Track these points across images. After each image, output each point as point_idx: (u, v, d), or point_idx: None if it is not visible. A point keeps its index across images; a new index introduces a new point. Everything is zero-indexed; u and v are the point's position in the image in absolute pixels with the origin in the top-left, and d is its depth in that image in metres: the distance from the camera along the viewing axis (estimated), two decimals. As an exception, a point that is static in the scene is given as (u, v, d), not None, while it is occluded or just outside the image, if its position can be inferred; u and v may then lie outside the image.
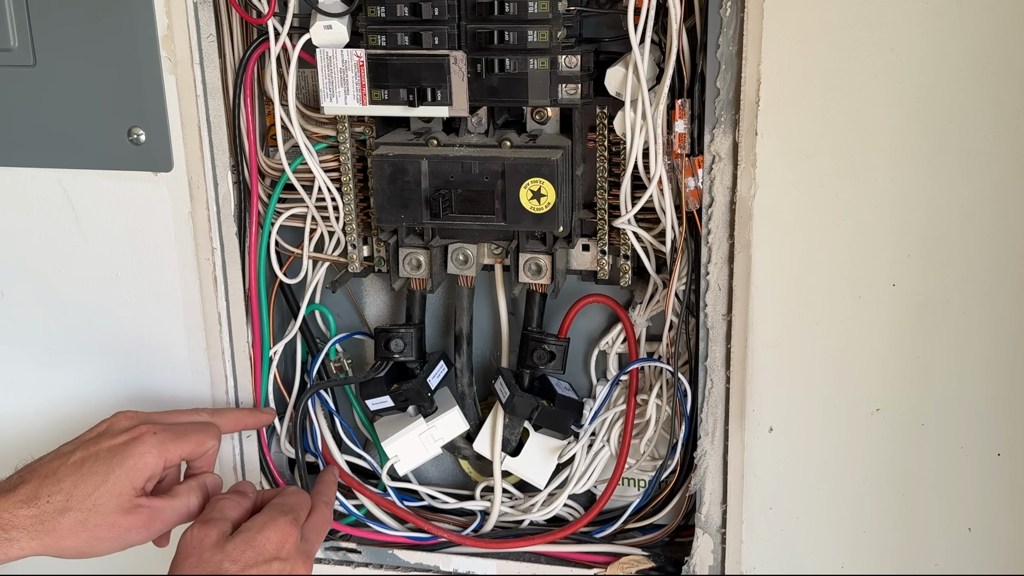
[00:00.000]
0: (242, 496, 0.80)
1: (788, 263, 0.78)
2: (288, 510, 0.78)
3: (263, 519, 0.76)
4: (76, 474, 0.77)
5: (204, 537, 0.74)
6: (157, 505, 0.78)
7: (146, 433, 0.79)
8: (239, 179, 0.89)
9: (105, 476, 0.76)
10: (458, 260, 0.88)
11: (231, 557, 0.73)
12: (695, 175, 0.79)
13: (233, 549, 0.73)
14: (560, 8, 0.77)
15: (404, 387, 0.91)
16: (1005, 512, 0.80)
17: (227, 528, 0.75)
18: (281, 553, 0.74)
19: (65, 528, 0.75)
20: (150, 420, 0.82)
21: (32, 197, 0.90)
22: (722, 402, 0.83)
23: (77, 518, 0.75)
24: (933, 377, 0.78)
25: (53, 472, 0.77)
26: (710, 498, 0.85)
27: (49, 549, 0.75)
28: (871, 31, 0.71)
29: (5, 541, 0.73)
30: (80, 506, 0.75)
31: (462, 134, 0.85)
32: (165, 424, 0.82)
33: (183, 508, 0.80)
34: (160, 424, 0.81)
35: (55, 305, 0.93)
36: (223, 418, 0.88)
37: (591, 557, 0.93)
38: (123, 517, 0.76)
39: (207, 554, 0.73)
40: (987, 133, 0.72)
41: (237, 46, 0.86)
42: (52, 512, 0.75)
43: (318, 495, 0.84)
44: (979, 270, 0.75)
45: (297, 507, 0.79)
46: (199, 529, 0.75)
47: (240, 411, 0.92)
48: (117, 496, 0.76)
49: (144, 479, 0.78)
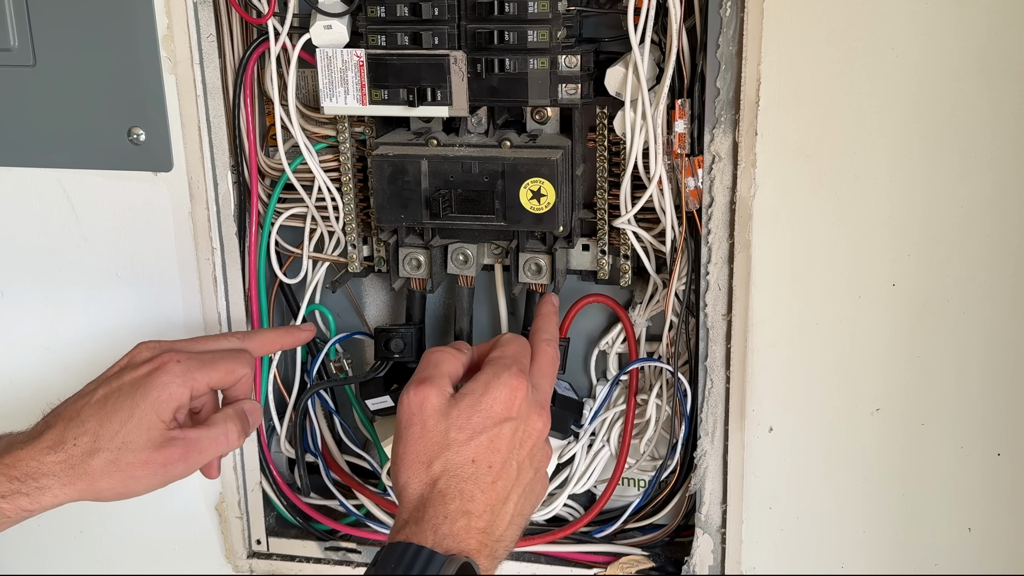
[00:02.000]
0: (457, 350, 0.74)
1: (788, 263, 0.78)
2: (511, 362, 0.70)
3: (486, 377, 0.69)
4: (100, 412, 0.72)
5: (424, 400, 0.68)
6: (192, 436, 0.74)
7: (169, 362, 0.74)
8: (239, 179, 0.89)
9: (131, 411, 0.72)
10: (458, 260, 0.88)
11: (457, 424, 0.67)
12: (695, 175, 0.79)
13: (458, 415, 0.67)
14: (560, 8, 0.77)
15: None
16: (1005, 512, 0.80)
17: (447, 386, 0.69)
18: (512, 412, 0.68)
19: (97, 470, 0.71)
20: (174, 348, 0.77)
21: (32, 197, 0.90)
22: (722, 402, 0.83)
23: (108, 458, 0.71)
24: (933, 377, 0.78)
25: (77, 413, 0.73)
26: (710, 498, 0.85)
27: (84, 494, 0.71)
28: (871, 31, 0.71)
29: (36, 490, 0.70)
30: (108, 445, 0.71)
31: (462, 134, 0.85)
32: (190, 352, 0.77)
33: (221, 438, 0.75)
34: (185, 352, 0.76)
35: (55, 305, 0.93)
36: (255, 341, 0.82)
37: (591, 557, 0.93)
38: (156, 453, 0.72)
39: (431, 422, 0.67)
40: (987, 133, 0.72)
41: (237, 46, 0.86)
42: (80, 455, 0.71)
43: (537, 333, 0.77)
44: (979, 270, 0.75)
45: (519, 355, 0.72)
46: (416, 391, 0.68)
47: (274, 331, 0.88)
48: (147, 431, 0.72)
49: (171, 410, 0.73)
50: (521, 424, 0.69)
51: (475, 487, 0.66)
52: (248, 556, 0.98)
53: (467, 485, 0.66)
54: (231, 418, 0.77)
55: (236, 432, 0.77)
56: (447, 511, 0.64)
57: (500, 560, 0.68)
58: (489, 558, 0.65)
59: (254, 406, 0.80)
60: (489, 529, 0.66)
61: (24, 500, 0.71)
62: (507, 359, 0.71)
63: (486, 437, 0.67)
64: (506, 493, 0.67)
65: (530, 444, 0.69)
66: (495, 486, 0.66)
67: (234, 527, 0.97)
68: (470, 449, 0.67)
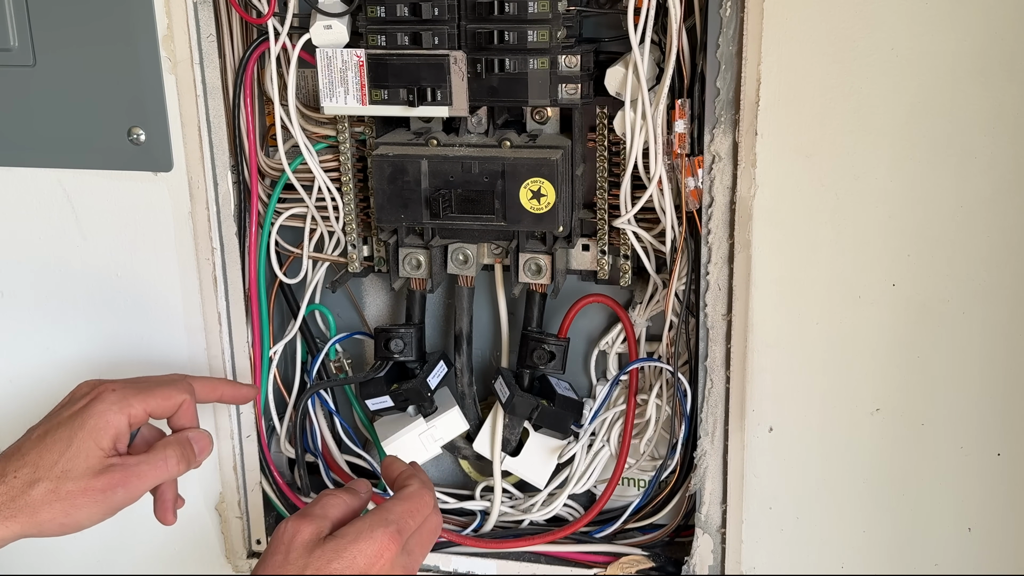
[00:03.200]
0: (352, 495, 0.74)
1: (788, 263, 0.78)
2: (393, 520, 0.70)
3: (361, 526, 0.69)
4: (40, 446, 0.74)
5: (296, 533, 0.68)
6: (131, 462, 0.75)
7: (104, 391, 0.76)
8: (239, 179, 0.89)
9: (68, 441, 0.73)
10: (458, 260, 0.88)
11: (315, 564, 0.66)
12: (695, 175, 0.79)
13: (321, 555, 0.67)
14: (560, 8, 0.77)
15: (404, 387, 0.91)
16: (1005, 512, 0.80)
17: (325, 528, 0.69)
18: (373, 569, 0.67)
19: (37, 500, 0.71)
20: (112, 381, 0.78)
21: (32, 197, 0.90)
22: (722, 402, 0.83)
23: (47, 488, 0.72)
24: (933, 377, 0.78)
25: (17, 450, 0.74)
26: (710, 498, 0.85)
27: (27, 528, 0.71)
28: (871, 31, 0.71)
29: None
30: (48, 475, 0.72)
31: (462, 134, 0.85)
32: (127, 381, 0.78)
33: (160, 463, 0.76)
34: (121, 382, 0.78)
35: (55, 305, 0.93)
36: (199, 381, 0.83)
37: (591, 557, 0.93)
38: (95, 479, 0.73)
39: (293, 554, 0.67)
40: (987, 133, 0.72)
41: (237, 46, 0.86)
42: (20, 487, 0.71)
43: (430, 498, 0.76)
44: (979, 270, 0.75)
45: (405, 516, 0.71)
46: (293, 523, 0.69)
47: (219, 379, 0.88)
48: (85, 459, 0.73)
49: (109, 438, 0.74)
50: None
51: None
52: (248, 556, 0.98)
53: None
54: (171, 444, 0.78)
55: (175, 459, 0.77)
56: None
57: None
58: None
59: (200, 434, 0.80)
60: None
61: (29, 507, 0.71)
62: (392, 515, 0.70)
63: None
64: None
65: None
66: None
67: (234, 527, 0.97)
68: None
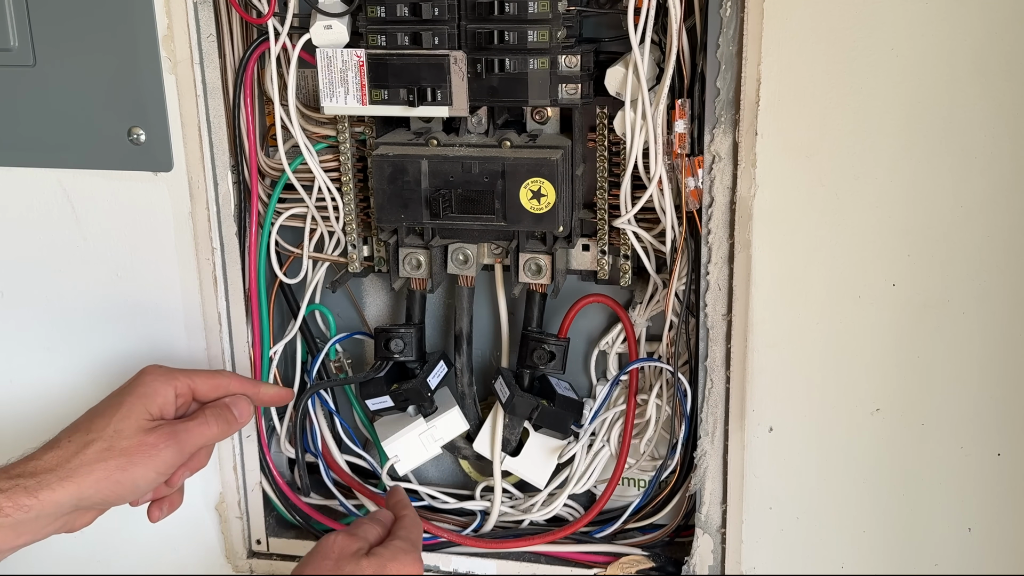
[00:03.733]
0: (383, 526, 0.82)
1: (788, 263, 0.78)
2: (415, 544, 0.80)
3: (397, 548, 0.78)
4: (91, 415, 0.78)
5: (346, 546, 0.77)
6: (177, 423, 0.79)
7: (152, 367, 0.82)
8: (239, 179, 0.89)
9: (118, 406, 0.78)
10: (458, 260, 0.88)
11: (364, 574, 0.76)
12: (695, 175, 0.79)
13: (368, 566, 0.76)
14: (560, 8, 0.77)
15: (404, 387, 0.91)
16: (1005, 512, 0.80)
17: (365, 548, 0.78)
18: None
19: (92, 458, 0.75)
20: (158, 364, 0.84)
21: (32, 197, 0.90)
22: (722, 402, 0.83)
23: (102, 446, 0.76)
24: (933, 377, 0.78)
25: (71, 424, 0.79)
26: (710, 498, 0.85)
27: (83, 488, 0.74)
28: (871, 31, 0.71)
29: (35, 484, 0.73)
30: (101, 435, 0.76)
31: (462, 134, 0.85)
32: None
33: (203, 425, 0.80)
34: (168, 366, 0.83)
35: (55, 305, 0.93)
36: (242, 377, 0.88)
37: (591, 557, 0.93)
38: (147, 436, 0.77)
39: (344, 562, 0.75)
40: (987, 133, 0.72)
41: (237, 46, 0.86)
42: (75, 447, 0.75)
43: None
44: (979, 270, 0.75)
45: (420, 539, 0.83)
46: (343, 538, 0.77)
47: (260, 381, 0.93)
48: (135, 420, 0.78)
49: (157, 405, 0.79)
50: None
51: None
52: (248, 556, 0.98)
53: None
54: (209, 408, 0.82)
55: (214, 420, 0.81)
56: None
57: None
58: None
59: (237, 399, 0.84)
60: None
61: (23, 495, 0.72)
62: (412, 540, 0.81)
63: None
64: None
65: None
66: None
67: (234, 527, 0.97)
68: None
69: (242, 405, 0.84)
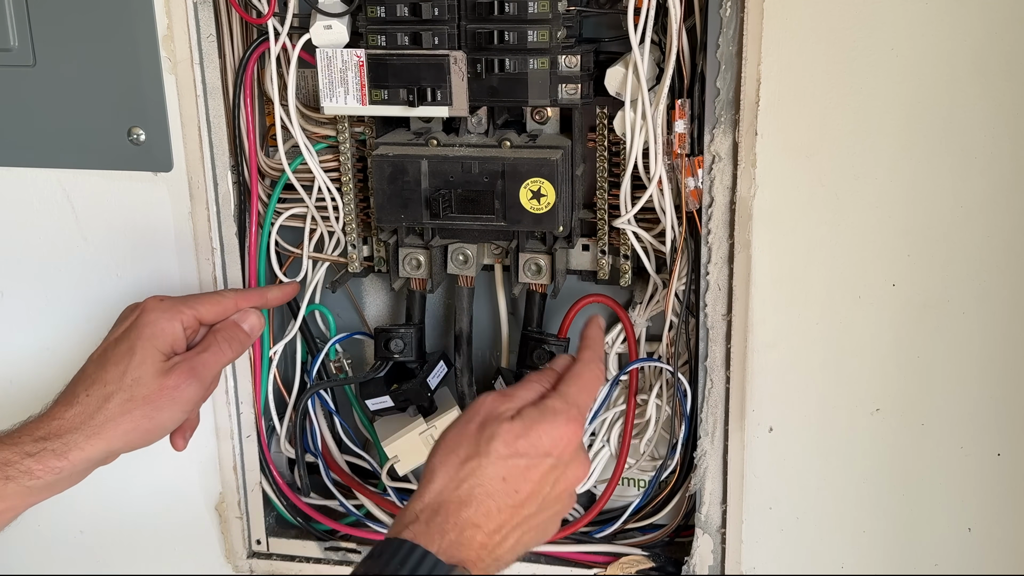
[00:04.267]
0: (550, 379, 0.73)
1: (788, 263, 0.78)
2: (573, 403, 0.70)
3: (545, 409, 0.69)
4: (102, 364, 0.77)
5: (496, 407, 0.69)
6: (190, 355, 0.78)
7: (150, 302, 0.79)
8: (239, 179, 0.89)
9: (130, 352, 0.76)
10: (458, 260, 0.88)
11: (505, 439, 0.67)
12: (695, 175, 0.79)
13: (510, 430, 0.67)
14: (560, 8, 0.77)
15: (404, 387, 0.91)
16: (1005, 512, 0.80)
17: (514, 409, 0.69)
18: (556, 451, 0.68)
19: (116, 411, 0.74)
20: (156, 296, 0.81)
21: (32, 197, 0.90)
22: (722, 402, 0.83)
23: (123, 397, 0.75)
24: (933, 377, 0.78)
25: (81, 372, 0.78)
26: (710, 498, 0.85)
27: (113, 442, 0.74)
28: (871, 31, 0.71)
29: (63, 446, 0.73)
30: (120, 386, 0.75)
31: (462, 134, 0.85)
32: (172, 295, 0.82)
33: (219, 355, 0.79)
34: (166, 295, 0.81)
35: (55, 305, 0.93)
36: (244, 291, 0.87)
37: (591, 557, 0.93)
38: (166, 378, 0.76)
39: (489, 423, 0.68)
40: (987, 133, 0.72)
41: (237, 46, 0.86)
42: (96, 403, 0.75)
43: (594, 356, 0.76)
44: (979, 270, 0.75)
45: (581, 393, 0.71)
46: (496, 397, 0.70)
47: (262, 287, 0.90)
48: (151, 364, 0.76)
49: (168, 343, 0.77)
50: (561, 466, 0.68)
51: (494, 505, 0.65)
52: (248, 556, 0.98)
53: (488, 500, 0.65)
54: (218, 331, 0.81)
55: (227, 344, 0.80)
56: (459, 518, 0.64)
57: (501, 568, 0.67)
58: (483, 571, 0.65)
59: (244, 314, 0.82)
60: (492, 547, 0.65)
61: (52, 458, 0.73)
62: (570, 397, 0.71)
63: (524, 462, 0.67)
64: (520, 520, 0.67)
65: (562, 487, 0.69)
66: (514, 511, 0.66)
67: (234, 527, 0.97)
68: (505, 467, 0.66)
69: (251, 319, 0.83)
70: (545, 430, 0.67)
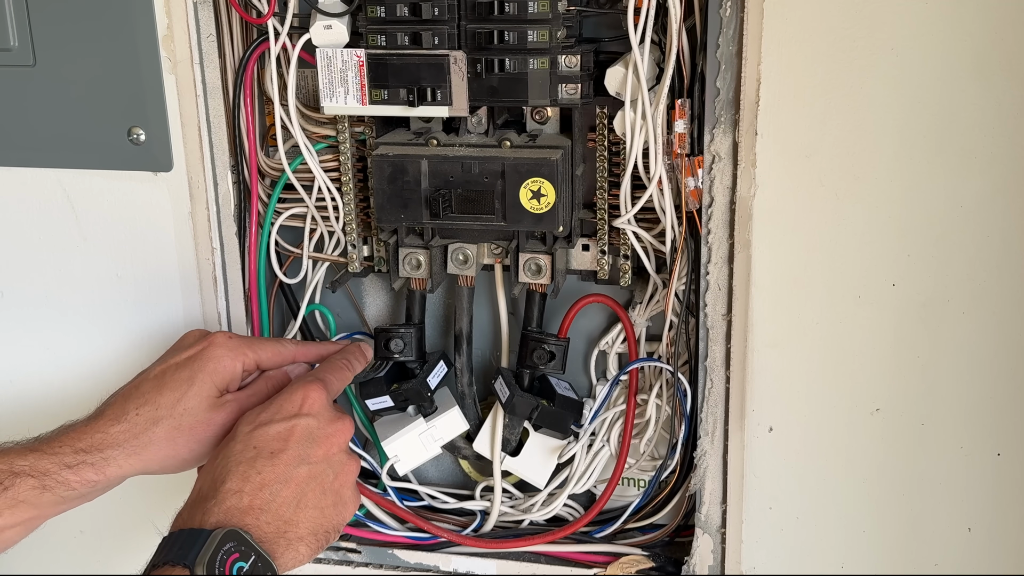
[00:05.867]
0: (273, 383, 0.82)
1: (788, 263, 0.78)
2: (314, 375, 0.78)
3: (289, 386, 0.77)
4: (159, 386, 0.78)
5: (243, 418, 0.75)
6: (243, 397, 0.79)
7: (220, 337, 0.81)
8: (239, 179, 0.89)
9: (189, 382, 0.78)
10: (458, 260, 0.88)
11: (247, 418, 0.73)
12: (695, 175, 0.79)
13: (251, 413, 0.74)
14: (560, 8, 0.77)
15: (404, 387, 0.91)
16: (1005, 512, 0.80)
17: None
18: (304, 409, 0.74)
19: (161, 438, 0.76)
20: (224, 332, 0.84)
21: (32, 197, 0.90)
22: (722, 402, 0.83)
23: (171, 425, 0.76)
24: (933, 377, 0.78)
25: (135, 388, 0.78)
26: (710, 498, 0.85)
27: (148, 464, 0.75)
28: (871, 31, 0.71)
29: (102, 460, 0.74)
30: (171, 413, 0.76)
31: (462, 134, 0.85)
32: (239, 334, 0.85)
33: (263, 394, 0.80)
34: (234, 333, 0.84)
35: (55, 305, 0.93)
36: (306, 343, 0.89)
37: (591, 557, 0.93)
38: (214, 414, 0.77)
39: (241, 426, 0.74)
40: (987, 133, 0.72)
41: (237, 46, 0.86)
42: (144, 424, 0.76)
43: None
44: (979, 270, 0.75)
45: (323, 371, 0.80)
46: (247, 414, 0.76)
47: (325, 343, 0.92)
48: (205, 398, 0.78)
49: (226, 381, 0.79)
50: (315, 422, 0.73)
51: (250, 468, 0.70)
52: (248, 556, 0.98)
53: (241, 467, 0.70)
54: (269, 379, 0.82)
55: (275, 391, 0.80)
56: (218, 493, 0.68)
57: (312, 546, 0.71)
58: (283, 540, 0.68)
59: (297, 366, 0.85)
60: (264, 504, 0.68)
61: (90, 471, 0.74)
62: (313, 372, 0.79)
63: (272, 428, 0.72)
64: (284, 473, 0.70)
65: (326, 444, 0.74)
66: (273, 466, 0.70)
67: (234, 527, 0.97)
68: (253, 438, 0.72)
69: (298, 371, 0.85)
70: (286, 397, 0.74)
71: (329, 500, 0.73)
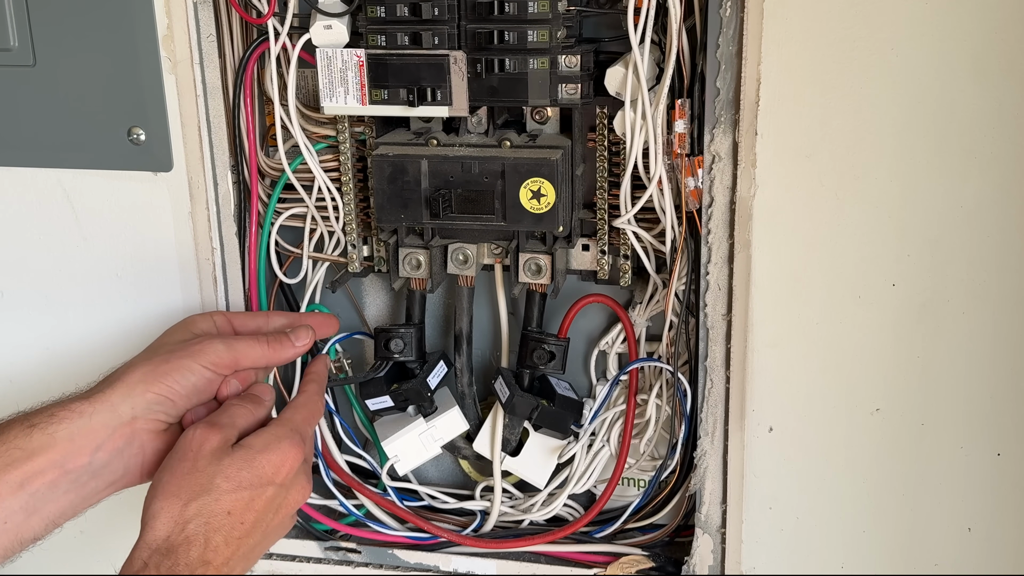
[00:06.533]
0: (257, 404, 0.77)
1: (788, 263, 0.78)
2: (294, 429, 0.74)
3: (267, 437, 0.72)
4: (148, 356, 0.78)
5: (204, 442, 0.70)
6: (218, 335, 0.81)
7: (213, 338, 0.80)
8: (239, 179, 0.89)
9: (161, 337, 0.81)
10: (458, 260, 0.88)
11: (225, 473, 0.69)
12: (695, 175, 0.79)
13: (230, 464, 0.70)
14: (560, 8, 0.77)
15: (404, 387, 0.91)
16: (1005, 512, 0.80)
17: (232, 436, 0.72)
18: (278, 478, 0.71)
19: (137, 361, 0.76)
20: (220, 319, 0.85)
21: (32, 197, 0.90)
22: (722, 402, 0.83)
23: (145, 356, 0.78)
24: (933, 377, 0.78)
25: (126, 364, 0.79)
26: (710, 498, 0.85)
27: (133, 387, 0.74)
28: (871, 31, 0.71)
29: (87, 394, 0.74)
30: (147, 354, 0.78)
31: (462, 134, 0.85)
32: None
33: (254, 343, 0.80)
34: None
35: (55, 305, 0.93)
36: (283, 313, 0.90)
37: (591, 557, 0.93)
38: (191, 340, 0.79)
39: (202, 462, 0.69)
40: (987, 133, 0.72)
41: (237, 46, 0.86)
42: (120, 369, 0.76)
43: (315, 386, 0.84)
44: (979, 270, 0.75)
45: (304, 423, 0.76)
46: (202, 431, 0.71)
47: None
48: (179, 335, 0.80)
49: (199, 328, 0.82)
50: (283, 492, 0.72)
51: (221, 539, 0.68)
52: (248, 556, 0.98)
53: (215, 536, 0.68)
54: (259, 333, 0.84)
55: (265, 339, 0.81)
56: (189, 558, 0.66)
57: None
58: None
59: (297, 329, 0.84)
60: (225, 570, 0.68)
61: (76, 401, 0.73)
62: (294, 424, 0.75)
63: (248, 494, 0.70)
64: (248, 550, 0.70)
65: (284, 512, 0.73)
66: (241, 542, 0.69)
67: (234, 527, 0.97)
68: (229, 501, 0.69)
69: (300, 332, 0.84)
70: (268, 459, 0.71)
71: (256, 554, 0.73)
